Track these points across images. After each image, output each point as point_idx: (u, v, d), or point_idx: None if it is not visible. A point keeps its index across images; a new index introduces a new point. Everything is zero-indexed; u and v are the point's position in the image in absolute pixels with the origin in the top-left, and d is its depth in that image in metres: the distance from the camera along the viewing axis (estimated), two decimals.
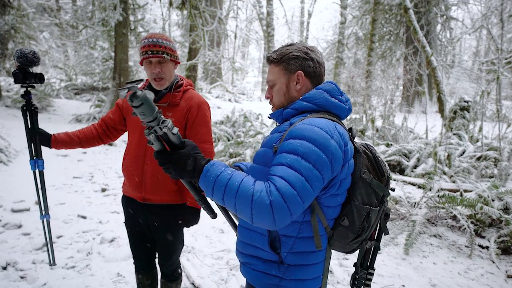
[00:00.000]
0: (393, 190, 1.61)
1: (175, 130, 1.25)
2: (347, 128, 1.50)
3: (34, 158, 2.33)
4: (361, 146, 1.51)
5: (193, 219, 2.28)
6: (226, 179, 1.21)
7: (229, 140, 9.03)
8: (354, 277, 1.62)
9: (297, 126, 1.31)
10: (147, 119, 1.17)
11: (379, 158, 1.51)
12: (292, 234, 1.38)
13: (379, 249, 1.65)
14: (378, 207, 1.48)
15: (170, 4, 12.35)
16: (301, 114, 1.44)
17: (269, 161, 1.37)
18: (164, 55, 2.08)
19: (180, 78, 2.30)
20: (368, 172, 1.43)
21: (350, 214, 1.40)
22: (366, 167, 1.45)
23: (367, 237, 1.53)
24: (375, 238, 1.63)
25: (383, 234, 1.63)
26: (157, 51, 2.08)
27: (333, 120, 1.37)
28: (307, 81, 1.49)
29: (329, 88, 1.46)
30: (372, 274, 1.63)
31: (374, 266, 1.64)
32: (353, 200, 1.40)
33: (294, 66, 1.48)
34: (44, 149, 2.41)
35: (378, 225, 1.60)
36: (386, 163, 1.53)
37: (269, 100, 1.58)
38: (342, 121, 1.67)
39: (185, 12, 13.24)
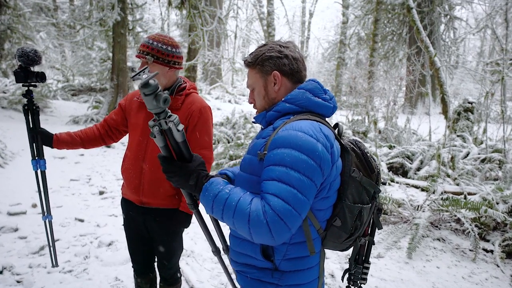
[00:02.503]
0: (384, 184, 1.62)
1: (180, 127, 1.25)
2: (333, 125, 1.49)
3: (36, 158, 2.34)
4: (349, 143, 1.49)
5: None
6: (223, 198, 1.25)
7: (229, 142, 9.05)
8: (349, 273, 1.63)
9: (280, 134, 1.30)
10: (154, 110, 1.17)
11: (368, 154, 1.49)
12: (285, 241, 1.37)
13: (373, 243, 1.65)
14: (370, 204, 1.48)
15: (169, 3, 12.39)
16: (284, 117, 1.43)
17: (255, 169, 1.37)
18: (147, 57, 2.08)
19: (184, 81, 2.29)
20: (357, 170, 1.42)
21: (341, 214, 1.40)
22: (355, 165, 1.44)
23: (360, 234, 1.53)
24: (369, 233, 1.63)
25: (377, 229, 1.63)
26: (143, 51, 2.09)
27: (317, 121, 1.36)
28: (285, 80, 1.47)
29: (311, 87, 1.44)
30: (367, 268, 1.63)
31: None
32: (343, 200, 1.40)
33: (268, 67, 1.46)
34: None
35: (371, 220, 1.60)
36: (375, 158, 1.53)
37: (252, 105, 1.58)
38: (340, 120, 1.67)
39: (184, 11, 13.27)
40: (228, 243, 1.70)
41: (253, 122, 1.58)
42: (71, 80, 17.93)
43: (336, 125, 1.52)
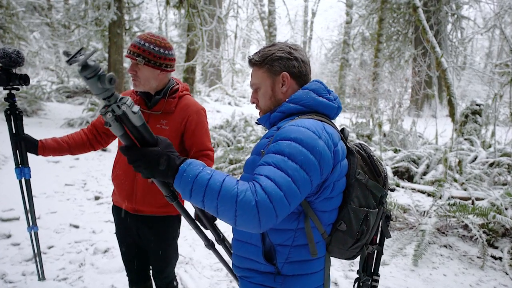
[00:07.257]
0: (392, 190, 1.63)
1: (136, 108, 1.15)
2: (339, 129, 1.52)
3: (20, 166, 2.27)
4: (355, 146, 1.52)
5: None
6: (205, 179, 1.16)
7: (228, 146, 9.06)
8: (358, 283, 1.63)
9: (283, 128, 1.33)
10: (103, 95, 1.07)
11: (374, 158, 1.51)
12: (287, 243, 1.39)
13: (382, 254, 1.66)
14: (377, 209, 1.49)
15: (167, 2, 12.46)
16: (288, 118, 1.46)
17: None
18: (138, 58, 2.05)
19: (176, 82, 2.27)
20: (363, 172, 1.44)
21: (347, 218, 1.41)
22: (361, 168, 1.46)
23: (368, 241, 1.54)
24: (377, 242, 1.63)
25: (385, 238, 1.64)
26: (133, 52, 2.06)
27: (321, 121, 1.39)
28: (293, 82, 1.52)
29: (315, 87, 1.49)
30: (377, 281, 1.64)
31: (381, 277, 1.66)
32: (349, 203, 1.41)
33: (278, 68, 1.50)
34: (34, 155, 2.37)
35: (380, 229, 1.61)
36: (382, 162, 1.55)
37: (255, 105, 1.60)
38: (343, 123, 1.70)
39: (182, 11, 13.34)
40: (220, 233, 1.73)
41: (256, 123, 1.61)
42: (65, 82, 18.00)
43: (342, 129, 1.55)
